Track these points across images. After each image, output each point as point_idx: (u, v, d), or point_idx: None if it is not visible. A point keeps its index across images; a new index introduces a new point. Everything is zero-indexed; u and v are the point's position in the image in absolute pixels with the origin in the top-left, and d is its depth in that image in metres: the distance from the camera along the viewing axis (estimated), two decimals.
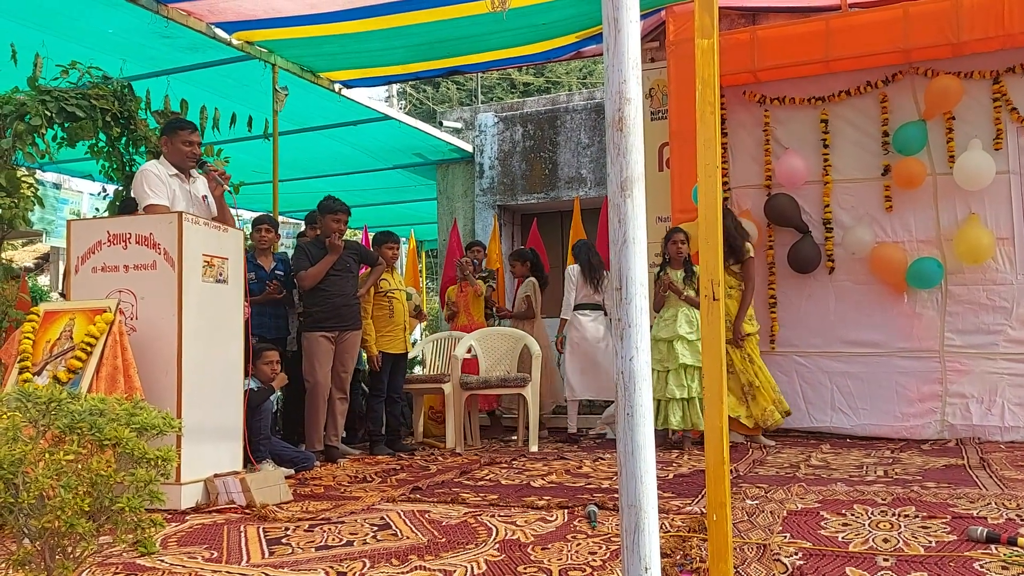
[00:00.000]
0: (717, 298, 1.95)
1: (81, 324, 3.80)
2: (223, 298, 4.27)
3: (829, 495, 3.83)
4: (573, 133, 8.96)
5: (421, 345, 7.17)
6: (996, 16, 5.62)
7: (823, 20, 6.13)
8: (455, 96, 21.60)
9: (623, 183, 1.61)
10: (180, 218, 3.99)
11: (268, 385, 5.04)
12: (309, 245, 5.75)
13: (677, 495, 3.95)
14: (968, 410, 5.84)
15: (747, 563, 2.66)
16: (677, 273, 5.87)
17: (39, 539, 2.00)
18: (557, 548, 2.95)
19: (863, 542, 2.91)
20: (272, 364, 5.17)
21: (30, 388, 2.24)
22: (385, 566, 2.77)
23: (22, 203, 4.75)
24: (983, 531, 2.87)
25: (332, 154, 8.94)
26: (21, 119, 4.66)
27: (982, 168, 5.71)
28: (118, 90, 5.17)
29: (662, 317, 5.85)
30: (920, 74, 6.06)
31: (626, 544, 1.60)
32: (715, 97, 2.02)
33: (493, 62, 7.12)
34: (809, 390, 6.31)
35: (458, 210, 9.51)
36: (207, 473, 4.02)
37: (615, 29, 1.63)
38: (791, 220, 6.31)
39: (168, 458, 2.14)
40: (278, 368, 5.19)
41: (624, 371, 1.61)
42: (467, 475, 4.79)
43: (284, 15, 5.64)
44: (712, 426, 1.94)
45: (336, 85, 7.08)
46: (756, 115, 6.57)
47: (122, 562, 2.85)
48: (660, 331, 5.77)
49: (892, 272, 6.03)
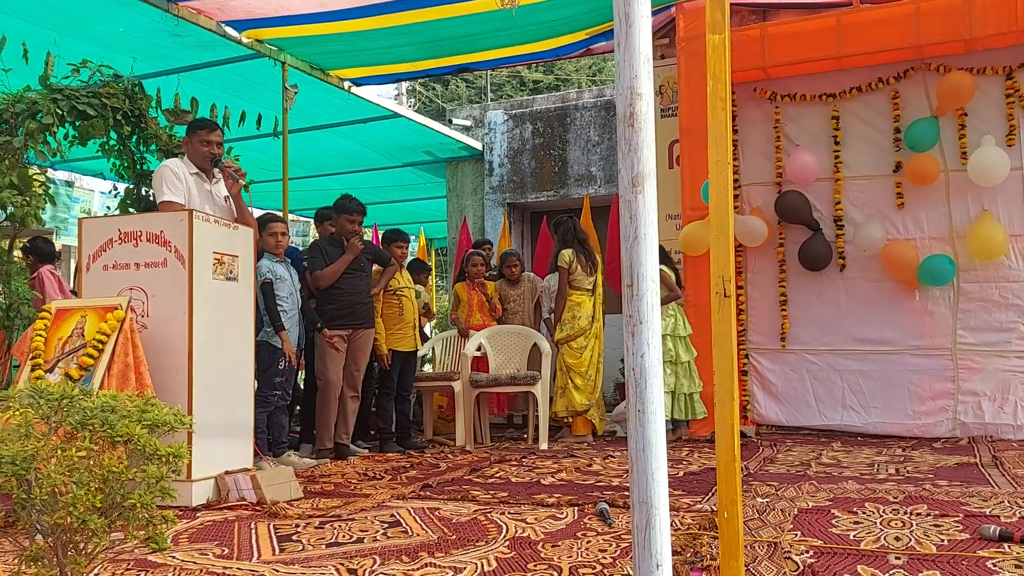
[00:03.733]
0: (728, 295, 1.94)
1: (92, 322, 3.81)
2: (233, 296, 4.28)
3: (840, 493, 3.81)
4: (583, 131, 8.95)
5: (431, 343, 7.17)
6: (1009, 11, 5.58)
7: (834, 16, 6.10)
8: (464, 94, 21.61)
9: (634, 179, 1.61)
10: (191, 216, 4.00)
11: (278, 257, 5.21)
12: (325, 243, 5.76)
13: (687, 493, 3.94)
14: (980, 408, 5.81)
15: (758, 561, 2.65)
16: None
17: (51, 535, 2.01)
18: (567, 546, 2.95)
19: (875, 540, 2.90)
20: (277, 236, 5.22)
21: (42, 385, 2.25)
22: (395, 563, 2.77)
23: (34, 201, 4.76)
24: (996, 529, 2.86)
25: (342, 152, 8.96)
26: (33, 117, 4.68)
27: (997, 164, 5.67)
28: (129, 88, 5.18)
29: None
30: (932, 70, 6.02)
31: (637, 541, 1.60)
32: (726, 93, 2.01)
33: (502, 59, 7.11)
34: (820, 388, 6.28)
35: (468, 208, 9.52)
36: (218, 470, 4.04)
37: (626, 24, 1.62)
38: (802, 217, 6.28)
39: (179, 455, 2.15)
40: (284, 241, 5.29)
41: (635, 368, 1.60)
42: (477, 473, 4.79)
43: (294, 13, 5.65)
44: (723, 423, 1.93)
45: (345, 83, 7.08)
46: (767, 112, 6.54)
47: (134, 558, 2.86)
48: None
49: (904, 269, 5.99)
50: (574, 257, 6.25)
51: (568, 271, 6.24)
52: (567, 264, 6.24)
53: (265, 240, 5.23)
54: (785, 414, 6.35)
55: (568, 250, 6.27)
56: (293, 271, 5.40)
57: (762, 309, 6.51)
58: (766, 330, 6.49)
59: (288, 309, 5.23)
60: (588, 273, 6.29)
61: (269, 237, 5.25)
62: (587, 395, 6.19)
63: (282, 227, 5.37)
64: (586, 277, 6.28)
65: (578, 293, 6.26)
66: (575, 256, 6.26)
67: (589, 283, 6.30)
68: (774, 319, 6.46)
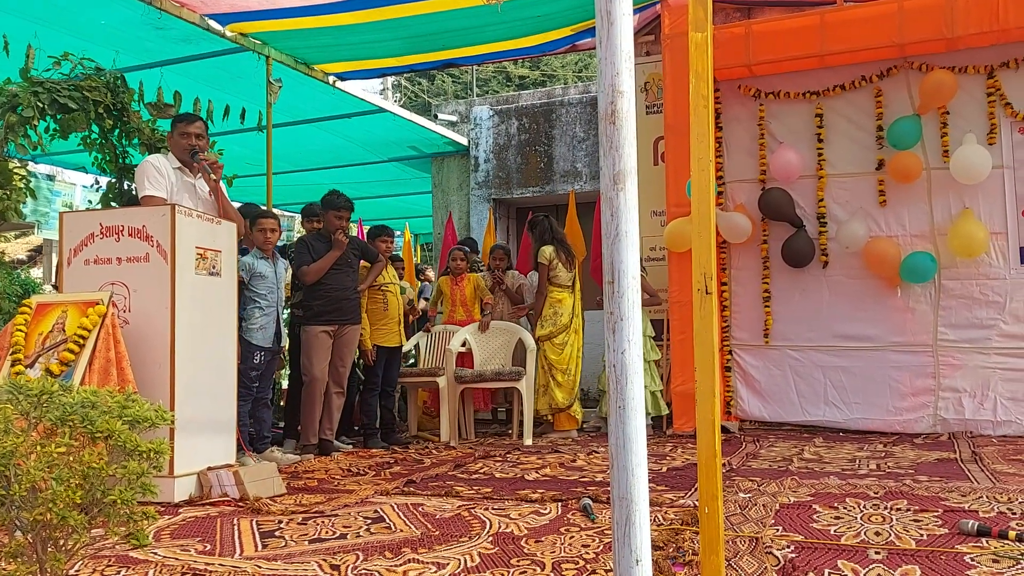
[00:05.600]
0: (710, 291, 1.95)
1: (74, 316, 3.79)
2: (216, 291, 4.26)
3: (822, 488, 3.84)
4: (568, 127, 8.95)
5: (415, 339, 7.17)
6: (991, 11, 5.62)
7: (818, 14, 6.12)
8: (450, 89, 21.56)
9: (616, 176, 1.61)
10: (173, 210, 3.98)
11: (264, 255, 5.18)
12: (311, 239, 5.74)
13: (670, 488, 3.96)
14: (961, 404, 5.86)
15: (739, 556, 2.66)
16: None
17: (31, 531, 2.00)
18: (550, 541, 2.95)
19: (855, 535, 2.92)
20: (266, 232, 5.18)
21: (22, 380, 2.23)
22: (378, 559, 2.77)
23: (14, 195, 4.73)
24: (974, 524, 2.89)
25: (326, 147, 8.92)
26: (13, 110, 4.64)
27: (979, 162, 5.71)
28: (111, 82, 5.14)
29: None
30: (915, 68, 6.06)
31: (617, 536, 1.61)
32: (708, 90, 2.01)
33: (488, 55, 7.11)
34: (802, 384, 6.32)
35: (453, 204, 9.51)
36: (200, 466, 4.02)
37: (608, 22, 1.62)
38: (785, 214, 6.31)
39: (160, 451, 2.14)
40: (273, 238, 5.24)
41: (616, 364, 1.61)
42: (461, 468, 4.79)
43: (278, 7, 5.62)
44: (704, 419, 1.95)
45: (330, 77, 7.06)
46: (751, 109, 6.56)
47: (115, 555, 2.85)
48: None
49: (886, 266, 6.04)
50: (554, 254, 6.31)
51: (548, 267, 6.28)
52: (548, 260, 6.29)
53: (254, 236, 5.19)
54: (768, 410, 6.38)
55: (548, 247, 6.33)
56: (279, 266, 5.36)
57: (746, 306, 6.54)
58: (750, 327, 6.52)
59: (265, 307, 5.19)
60: (568, 269, 6.36)
61: (259, 233, 5.20)
62: (568, 391, 6.23)
63: (272, 223, 5.32)
64: (566, 273, 6.35)
65: (559, 290, 6.32)
66: (555, 253, 6.32)
67: (569, 279, 6.37)
68: (758, 316, 6.49)
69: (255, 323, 5.14)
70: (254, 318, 5.14)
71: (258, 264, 5.20)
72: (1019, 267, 5.84)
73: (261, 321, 5.16)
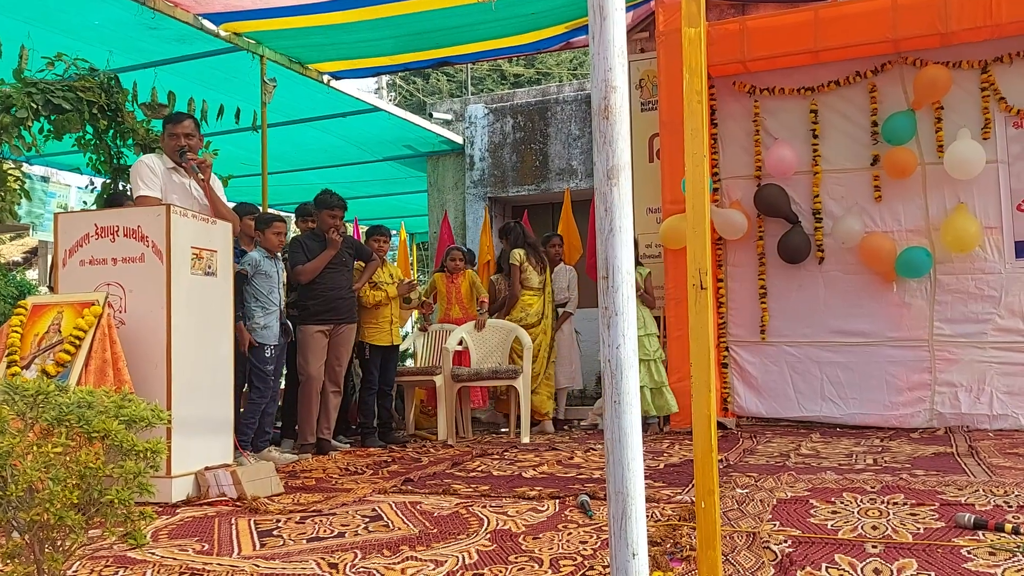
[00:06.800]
0: (705, 287, 1.95)
1: (69, 317, 3.78)
2: (212, 291, 4.25)
3: (819, 483, 3.85)
4: (563, 124, 8.95)
5: (412, 338, 7.16)
6: (984, 6, 5.63)
7: (812, 10, 6.12)
8: (445, 87, 21.55)
9: (609, 171, 1.61)
10: (168, 211, 3.97)
11: (270, 255, 5.24)
12: (305, 238, 5.75)
13: (668, 484, 3.97)
14: (957, 399, 5.88)
15: (736, 551, 2.67)
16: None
17: (28, 532, 2.00)
18: (548, 538, 2.96)
19: (852, 529, 2.93)
20: (281, 235, 5.31)
21: (18, 381, 2.22)
22: (376, 557, 2.77)
23: (9, 196, 4.73)
24: (971, 518, 2.90)
25: (321, 146, 8.90)
26: (7, 111, 4.63)
27: (973, 157, 5.73)
28: (105, 82, 5.13)
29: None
30: (909, 64, 6.07)
31: (613, 531, 1.61)
32: (702, 86, 2.01)
33: (483, 53, 7.10)
34: (799, 380, 6.33)
35: (448, 202, 9.50)
36: (198, 466, 4.02)
37: (600, 17, 1.62)
38: (781, 210, 6.32)
39: (157, 450, 2.13)
40: (284, 240, 5.37)
41: (611, 359, 1.61)
42: (459, 466, 4.79)
43: (272, 6, 5.61)
44: (700, 415, 1.95)
45: (325, 76, 7.04)
46: (746, 105, 6.57)
47: (112, 555, 2.84)
48: None
49: (881, 262, 6.05)
50: (525, 257, 6.58)
51: (520, 269, 6.53)
52: (519, 262, 6.54)
53: (268, 238, 5.28)
54: (765, 406, 6.40)
55: (519, 250, 6.59)
56: (279, 267, 5.39)
57: (742, 302, 6.55)
58: (746, 323, 6.53)
59: (267, 305, 5.21)
60: (539, 272, 6.62)
61: (273, 236, 5.31)
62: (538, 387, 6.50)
63: (284, 227, 5.49)
64: (536, 276, 6.61)
65: (529, 293, 6.59)
66: (526, 256, 6.58)
67: (539, 282, 6.63)
68: (754, 312, 6.50)
69: (258, 322, 5.16)
70: (256, 317, 5.16)
71: (264, 263, 5.23)
72: (1014, 261, 5.86)
73: (264, 320, 5.18)
